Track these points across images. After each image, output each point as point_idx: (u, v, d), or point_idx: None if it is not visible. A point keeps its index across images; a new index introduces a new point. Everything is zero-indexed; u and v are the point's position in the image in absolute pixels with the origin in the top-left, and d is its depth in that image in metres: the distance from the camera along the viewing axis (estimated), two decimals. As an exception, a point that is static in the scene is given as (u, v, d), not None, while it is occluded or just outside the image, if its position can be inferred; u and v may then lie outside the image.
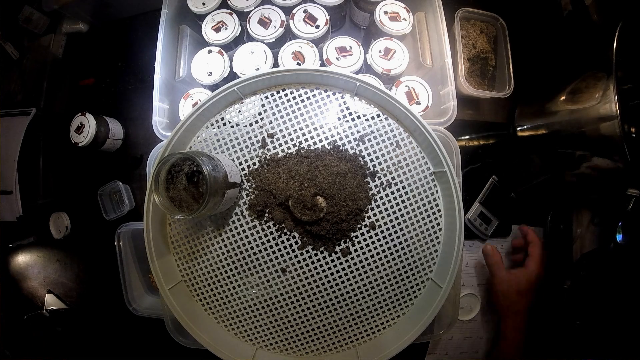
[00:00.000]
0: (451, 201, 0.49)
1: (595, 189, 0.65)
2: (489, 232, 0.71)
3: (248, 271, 0.52)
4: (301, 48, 0.58)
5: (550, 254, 0.72)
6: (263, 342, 0.53)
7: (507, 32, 0.70)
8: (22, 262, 0.81)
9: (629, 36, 0.53)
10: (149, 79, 0.60)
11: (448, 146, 0.56)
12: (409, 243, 0.52)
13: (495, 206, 0.72)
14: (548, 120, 0.66)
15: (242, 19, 0.62)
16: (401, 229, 0.51)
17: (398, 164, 0.52)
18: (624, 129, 0.51)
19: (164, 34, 0.61)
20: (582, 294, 0.69)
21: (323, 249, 0.50)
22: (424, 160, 0.52)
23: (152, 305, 0.71)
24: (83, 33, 0.81)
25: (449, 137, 0.56)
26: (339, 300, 0.52)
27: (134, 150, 0.77)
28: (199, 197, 0.42)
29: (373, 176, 0.51)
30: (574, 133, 0.60)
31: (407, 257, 0.51)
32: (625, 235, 0.63)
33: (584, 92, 0.59)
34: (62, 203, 0.79)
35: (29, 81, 0.82)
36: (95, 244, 0.76)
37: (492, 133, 0.76)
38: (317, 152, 0.49)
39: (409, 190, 0.52)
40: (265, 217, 0.50)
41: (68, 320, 0.78)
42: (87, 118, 0.69)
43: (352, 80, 0.49)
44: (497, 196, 0.72)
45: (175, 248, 0.52)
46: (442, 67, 0.58)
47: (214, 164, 0.41)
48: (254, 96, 0.52)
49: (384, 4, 0.61)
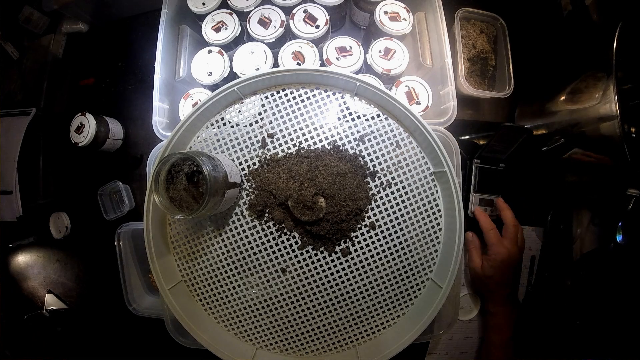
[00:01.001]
0: (451, 201, 0.49)
1: (595, 189, 0.65)
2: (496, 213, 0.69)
3: (248, 271, 0.52)
4: (301, 48, 0.58)
5: (550, 254, 0.73)
6: (263, 342, 0.53)
7: (507, 32, 0.70)
8: (22, 262, 0.81)
9: (629, 36, 0.53)
10: (149, 79, 0.60)
11: (448, 146, 0.56)
12: (409, 243, 0.52)
13: (490, 186, 0.71)
14: (548, 120, 0.66)
15: (242, 19, 0.62)
16: (401, 229, 0.51)
17: (398, 164, 0.52)
18: (624, 129, 0.51)
19: (164, 34, 0.61)
20: (582, 294, 0.69)
21: (323, 249, 0.50)
22: (424, 160, 0.52)
23: (152, 305, 0.71)
24: (83, 33, 0.81)
25: (449, 137, 0.56)
26: (339, 300, 0.52)
27: (134, 150, 0.77)
28: (199, 197, 0.42)
29: (373, 176, 0.51)
30: (574, 133, 0.60)
31: (407, 257, 0.51)
32: (625, 235, 0.63)
33: (584, 92, 0.59)
34: (62, 203, 0.79)
35: (29, 81, 0.82)
36: (95, 244, 0.76)
37: (492, 133, 0.76)
38: (317, 152, 0.49)
39: (409, 190, 0.52)
40: (265, 217, 0.50)
41: (68, 320, 0.78)
42: (87, 118, 0.69)
43: (352, 80, 0.49)
44: (487, 176, 0.71)
45: (175, 248, 0.52)
46: (442, 67, 0.58)
47: (214, 164, 0.41)
48: (254, 96, 0.52)
49: (384, 4, 0.61)
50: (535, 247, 0.74)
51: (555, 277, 0.73)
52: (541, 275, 0.74)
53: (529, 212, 0.74)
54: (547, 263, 0.73)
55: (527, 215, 0.73)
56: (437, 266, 0.51)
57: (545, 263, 0.74)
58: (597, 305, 0.67)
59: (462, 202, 0.49)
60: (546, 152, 0.65)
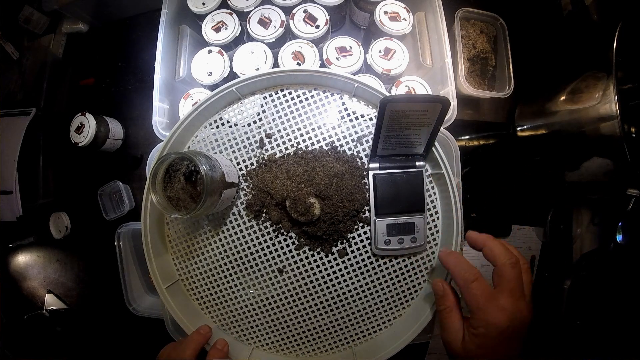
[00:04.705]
0: (448, 203, 0.49)
1: (595, 189, 0.65)
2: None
3: (245, 271, 0.52)
4: (301, 48, 0.58)
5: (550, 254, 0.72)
6: (260, 342, 0.53)
7: (507, 32, 0.70)
8: (22, 262, 0.81)
9: (629, 36, 0.53)
10: (149, 79, 0.60)
11: (448, 147, 0.55)
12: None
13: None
14: (548, 120, 0.66)
15: (242, 19, 0.61)
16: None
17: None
18: (624, 129, 0.51)
19: (164, 34, 0.61)
20: (582, 294, 0.69)
21: (320, 250, 0.50)
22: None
23: (152, 305, 0.71)
24: (83, 33, 0.82)
25: (448, 138, 0.55)
26: (336, 301, 0.52)
27: (134, 150, 0.78)
28: (196, 197, 0.42)
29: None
30: (574, 133, 0.60)
31: (404, 258, 0.51)
32: (625, 235, 0.63)
33: (584, 92, 0.59)
34: (62, 203, 0.79)
35: (29, 81, 0.82)
36: (95, 244, 0.77)
37: (492, 133, 0.76)
38: (315, 153, 0.49)
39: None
40: (263, 217, 0.50)
41: (68, 320, 0.79)
42: (87, 118, 0.69)
43: (350, 81, 0.49)
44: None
45: (173, 247, 0.52)
46: (442, 67, 0.58)
47: (212, 163, 0.41)
48: (252, 96, 0.52)
49: (384, 4, 0.61)
50: (535, 247, 0.74)
51: (555, 277, 0.73)
52: (541, 275, 0.73)
53: (529, 212, 0.74)
54: (547, 263, 0.73)
55: (527, 215, 0.74)
56: (434, 268, 0.51)
57: (545, 263, 0.73)
58: (597, 305, 0.67)
59: (460, 204, 0.49)
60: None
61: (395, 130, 0.44)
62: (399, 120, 0.43)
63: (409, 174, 0.48)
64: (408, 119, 0.43)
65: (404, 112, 0.42)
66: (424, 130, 0.45)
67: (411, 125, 0.44)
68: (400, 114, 0.42)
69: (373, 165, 0.48)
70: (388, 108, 0.41)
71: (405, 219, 0.48)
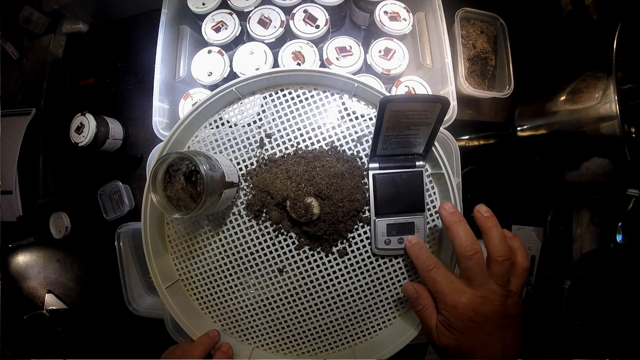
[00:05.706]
0: (449, 203, 0.49)
1: (595, 189, 0.65)
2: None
3: (245, 271, 0.52)
4: (301, 48, 0.58)
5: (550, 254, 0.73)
6: (260, 342, 0.53)
7: (507, 32, 0.70)
8: (22, 262, 0.81)
9: (629, 36, 0.53)
10: (149, 79, 0.60)
11: (448, 146, 0.55)
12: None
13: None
14: (548, 120, 0.66)
15: (242, 19, 0.62)
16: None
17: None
18: (624, 129, 0.51)
19: (164, 34, 0.61)
20: (582, 294, 0.69)
21: (320, 250, 0.50)
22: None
23: (152, 305, 0.71)
24: (83, 33, 0.82)
25: (448, 138, 0.55)
26: (336, 301, 0.52)
27: (134, 150, 0.78)
28: (196, 197, 0.42)
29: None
30: (574, 133, 0.60)
31: (404, 258, 0.51)
32: (625, 236, 0.63)
33: (584, 92, 0.59)
34: (62, 203, 0.79)
35: (29, 81, 0.82)
36: (95, 244, 0.77)
37: (492, 133, 0.76)
38: (315, 153, 0.49)
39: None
40: (263, 217, 0.50)
41: (68, 320, 0.79)
42: (87, 118, 0.69)
43: (350, 81, 0.49)
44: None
45: (173, 247, 0.52)
46: (442, 67, 0.58)
47: (212, 163, 0.41)
48: (252, 96, 0.52)
49: (384, 4, 0.61)
50: (535, 247, 0.74)
51: (555, 277, 0.73)
52: (541, 275, 0.73)
53: (529, 212, 0.74)
54: (547, 263, 0.73)
55: (527, 215, 0.74)
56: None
57: (545, 263, 0.73)
58: (597, 305, 0.67)
59: (460, 204, 0.49)
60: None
61: (395, 130, 0.44)
62: (398, 120, 0.43)
63: (408, 174, 0.48)
64: (408, 119, 0.43)
65: (403, 112, 0.42)
66: (423, 130, 0.45)
67: (411, 125, 0.44)
68: (400, 113, 0.42)
69: (373, 165, 0.48)
70: (388, 108, 0.41)
71: (405, 219, 0.48)
